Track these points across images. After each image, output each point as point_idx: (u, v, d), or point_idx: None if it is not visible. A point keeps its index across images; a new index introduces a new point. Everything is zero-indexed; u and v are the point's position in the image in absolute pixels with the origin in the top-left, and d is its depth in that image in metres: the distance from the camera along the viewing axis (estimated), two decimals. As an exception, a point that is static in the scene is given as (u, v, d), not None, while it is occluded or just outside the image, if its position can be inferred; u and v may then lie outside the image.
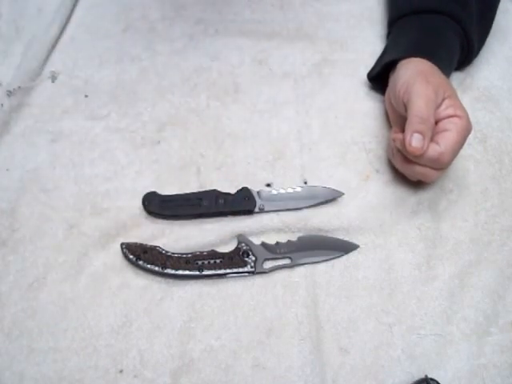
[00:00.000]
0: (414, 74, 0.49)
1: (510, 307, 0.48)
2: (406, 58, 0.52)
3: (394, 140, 0.49)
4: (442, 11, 0.54)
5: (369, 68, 0.59)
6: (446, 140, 0.47)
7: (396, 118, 0.54)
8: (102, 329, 0.46)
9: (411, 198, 0.53)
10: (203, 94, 0.59)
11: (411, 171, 0.50)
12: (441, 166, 0.48)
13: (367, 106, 0.58)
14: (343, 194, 0.52)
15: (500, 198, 0.54)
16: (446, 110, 0.48)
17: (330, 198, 0.52)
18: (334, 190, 0.53)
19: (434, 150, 0.46)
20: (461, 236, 0.51)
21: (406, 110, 0.48)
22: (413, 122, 0.46)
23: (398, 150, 0.50)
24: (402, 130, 0.49)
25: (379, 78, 0.57)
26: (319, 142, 0.56)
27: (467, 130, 0.48)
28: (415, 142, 0.46)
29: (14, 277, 0.48)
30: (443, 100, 0.48)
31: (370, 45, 0.62)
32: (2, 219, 0.51)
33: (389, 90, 0.54)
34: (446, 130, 0.47)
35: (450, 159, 0.47)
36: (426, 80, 0.48)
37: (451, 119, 0.47)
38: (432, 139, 0.47)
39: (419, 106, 0.46)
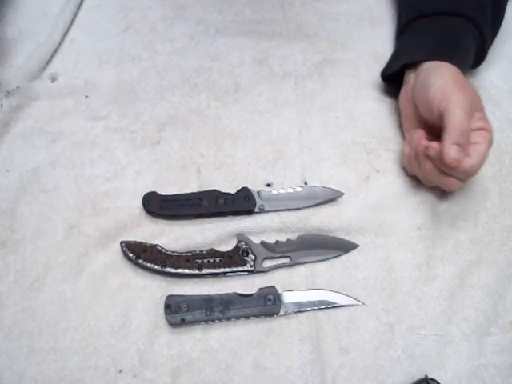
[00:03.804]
0: (451, 82, 0.48)
1: (510, 307, 0.48)
2: (430, 61, 0.51)
3: (426, 148, 0.48)
4: (461, 14, 0.54)
5: (369, 68, 0.59)
6: (477, 153, 0.47)
7: (411, 118, 0.53)
8: (102, 329, 0.47)
9: (411, 198, 0.53)
10: (203, 94, 0.59)
11: (437, 180, 0.49)
12: (468, 177, 0.48)
13: (367, 106, 0.58)
14: (343, 193, 0.52)
15: (500, 198, 0.54)
16: (477, 122, 0.48)
17: (330, 197, 0.52)
18: (333, 189, 0.53)
19: (466, 163, 0.46)
20: (461, 236, 0.51)
21: (438, 116, 0.48)
22: (453, 134, 0.45)
23: (427, 158, 0.49)
24: (425, 132, 0.50)
25: (391, 77, 0.56)
26: (319, 142, 0.56)
27: (492, 142, 0.48)
28: (454, 153, 0.45)
29: (14, 277, 0.49)
30: (475, 112, 0.48)
31: (371, 45, 0.62)
32: (1, 219, 0.51)
33: (410, 90, 0.53)
34: (476, 143, 0.47)
35: (477, 171, 0.47)
36: (463, 91, 0.47)
37: (481, 132, 0.48)
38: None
39: (459, 118, 0.46)
